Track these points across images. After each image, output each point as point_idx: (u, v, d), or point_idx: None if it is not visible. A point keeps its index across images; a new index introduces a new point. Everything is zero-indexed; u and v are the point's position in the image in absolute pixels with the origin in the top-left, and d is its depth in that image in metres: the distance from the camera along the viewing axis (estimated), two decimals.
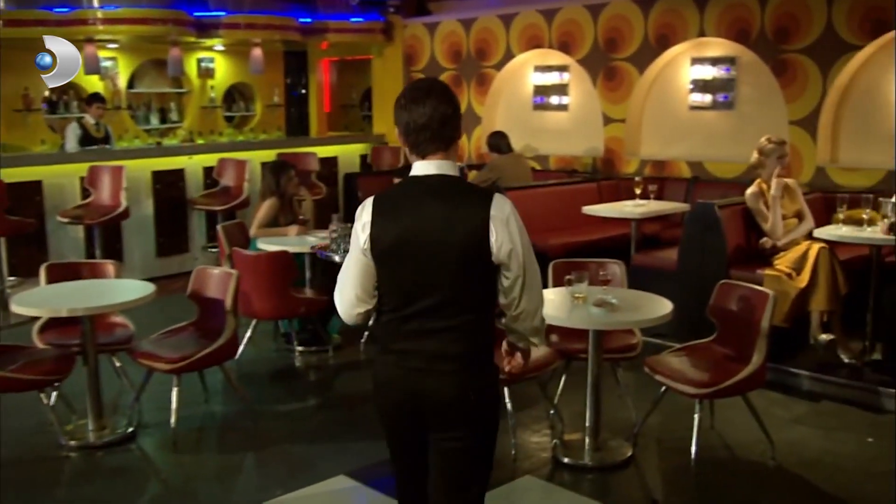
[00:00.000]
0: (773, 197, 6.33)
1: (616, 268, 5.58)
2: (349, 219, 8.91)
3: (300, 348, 6.91)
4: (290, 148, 10.84)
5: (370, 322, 3.03)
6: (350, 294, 2.80)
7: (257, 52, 11.31)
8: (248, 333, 6.67)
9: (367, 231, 2.73)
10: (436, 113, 2.69)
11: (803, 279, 6.05)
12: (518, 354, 3.01)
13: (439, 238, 2.66)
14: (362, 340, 7.05)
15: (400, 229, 2.69)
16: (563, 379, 5.49)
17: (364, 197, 2.82)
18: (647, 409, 5.14)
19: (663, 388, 4.93)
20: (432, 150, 2.72)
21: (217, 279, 5.57)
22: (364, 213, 2.76)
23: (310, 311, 6.65)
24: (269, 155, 10.12)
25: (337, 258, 6.17)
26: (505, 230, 2.67)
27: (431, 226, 2.67)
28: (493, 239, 2.66)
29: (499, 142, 8.65)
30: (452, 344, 2.72)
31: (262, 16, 10.60)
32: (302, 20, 11.14)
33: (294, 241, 6.81)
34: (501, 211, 2.68)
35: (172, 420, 5.23)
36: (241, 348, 6.54)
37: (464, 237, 2.66)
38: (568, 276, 4.79)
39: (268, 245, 6.63)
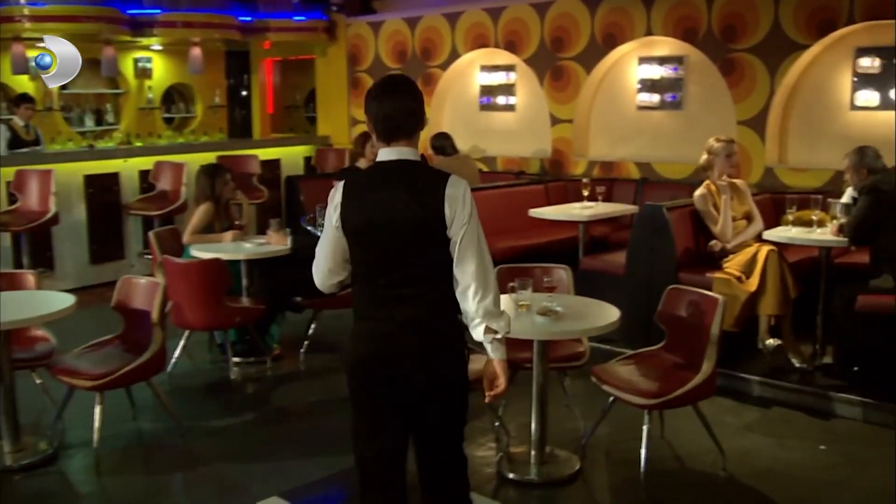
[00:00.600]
0: (725, 200, 6.21)
1: (562, 273, 5.38)
2: (290, 223, 8.72)
3: (237, 359, 6.61)
4: (231, 150, 10.53)
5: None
6: (324, 266, 3.15)
7: (196, 52, 10.97)
8: (181, 345, 6.37)
9: (339, 211, 3.05)
10: (403, 106, 3.02)
11: (752, 283, 5.93)
12: (499, 379, 3.10)
13: (402, 216, 2.97)
14: (302, 350, 6.79)
15: (367, 209, 3.01)
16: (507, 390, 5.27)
17: (307, 201, 3.02)
18: (595, 419, 4.96)
19: (611, 398, 4.74)
20: (397, 138, 3.03)
21: (143, 289, 5.27)
22: (336, 195, 3.08)
23: (246, 320, 6.37)
24: (209, 158, 9.74)
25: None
26: (458, 207, 2.96)
27: (395, 205, 2.98)
28: (447, 214, 2.95)
29: (443, 143, 8.44)
30: (419, 309, 3.00)
31: (199, 14, 10.27)
32: (242, 19, 10.83)
33: (230, 248, 6.52)
34: (456, 190, 2.98)
35: (95, 440, 4.93)
36: (173, 360, 6.29)
37: (423, 214, 2.96)
38: (511, 284, 4.58)
39: (202, 252, 6.34)
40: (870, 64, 7.53)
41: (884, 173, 5.67)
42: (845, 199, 6.12)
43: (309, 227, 6.37)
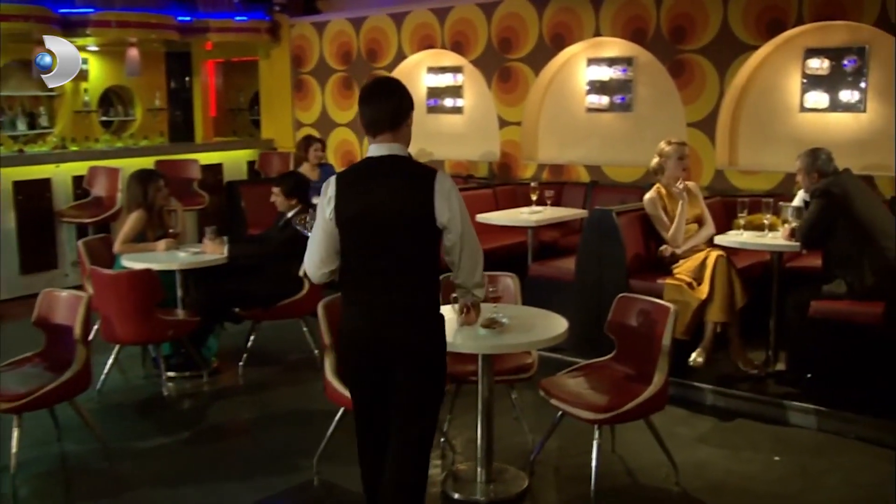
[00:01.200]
0: (682, 205, 6.07)
1: (509, 281, 5.19)
2: (232, 230, 8.42)
3: (171, 374, 6.30)
4: (170, 155, 10.20)
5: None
6: (316, 257, 3.41)
7: (133, 53, 10.59)
8: (111, 360, 6.05)
9: (332, 204, 3.31)
10: (389, 107, 3.30)
11: (703, 289, 5.79)
12: (471, 312, 3.80)
13: (392, 208, 3.23)
14: (241, 363, 6.50)
15: (359, 202, 3.26)
16: (452, 404, 5.07)
17: (248, 207, 2.95)
18: (545, 432, 4.75)
19: (560, 412, 4.55)
20: (385, 135, 3.31)
21: (66, 303, 4.97)
22: (329, 189, 3.34)
23: (179, 333, 6.07)
24: (147, 162, 9.44)
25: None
26: (446, 201, 3.26)
27: (385, 198, 3.24)
28: (436, 208, 3.24)
29: None
30: (406, 296, 3.30)
31: (135, 13, 9.87)
32: (181, 18, 10.46)
33: (163, 258, 6.23)
34: (443, 185, 3.27)
35: (12, 466, 4.61)
36: (103, 377, 5.97)
37: (412, 207, 3.24)
38: (454, 294, 4.35)
39: (133, 262, 6.04)
40: (819, 65, 7.47)
41: (835, 176, 5.56)
42: (797, 202, 6.02)
43: (298, 227, 6.15)
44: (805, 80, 7.58)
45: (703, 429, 5.39)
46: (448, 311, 4.34)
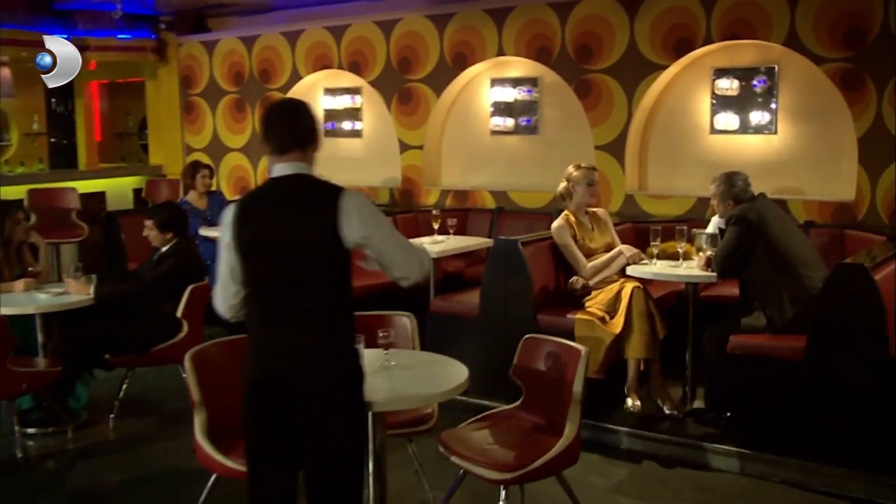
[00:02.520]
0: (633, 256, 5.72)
1: (405, 322, 4.69)
2: (109, 266, 7.73)
3: (31, 431, 5.60)
4: (49, 182, 9.47)
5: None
6: (222, 291, 3.15)
7: (5, 73, 9.81)
8: None
9: (230, 230, 3.05)
10: (302, 125, 3.08)
11: (617, 323, 5.40)
12: None
13: (294, 233, 2.97)
14: (112, 415, 5.83)
15: (258, 226, 3.01)
16: None
17: (128, 239, 2.35)
18: (447, 491, 4.24)
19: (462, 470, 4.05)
20: (294, 154, 3.04)
21: None
22: (227, 214, 3.09)
23: (36, 386, 5.37)
24: (20, 191, 8.71)
25: None
26: (355, 219, 2.95)
27: (287, 222, 2.99)
28: (342, 228, 2.94)
29: None
30: (313, 332, 3.00)
31: (4, 29, 9.10)
32: (57, 36, 9.70)
33: (21, 299, 5.54)
34: (349, 203, 2.96)
35: None
36: None
37: (316, 230, 2.96)
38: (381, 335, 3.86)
39: None
40: (728, 86, 7.31)
41: (751, 202, 5.24)
42: (711, 228, 5.74)
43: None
44: (714, 101, 7.41)
45: (618, 476, 4.97)
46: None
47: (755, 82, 7.14)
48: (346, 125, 9.63)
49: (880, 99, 6.47)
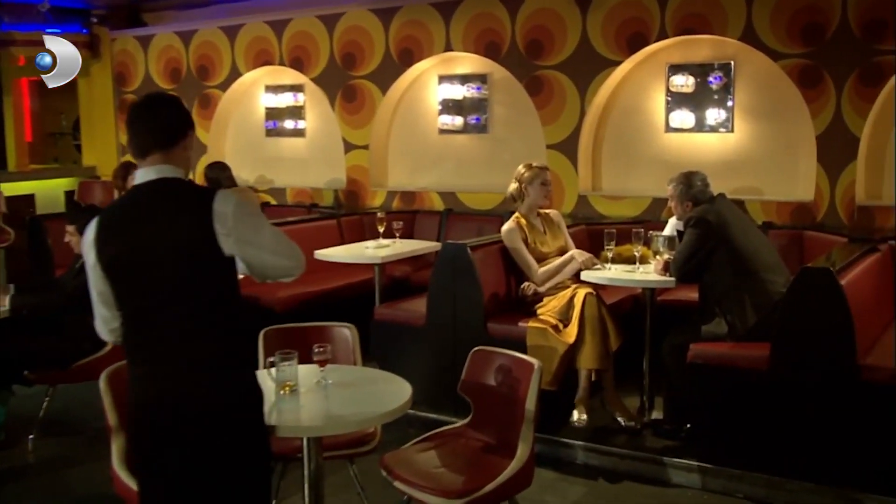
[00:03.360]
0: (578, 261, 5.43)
1: (346, 333, 4.35)
2: (33, 274, 7.28)
3: None
4: None
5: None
6: (97, 314, 2.85)
7: None
8: None
9: (94, 248, 2.75)
10: (160, 122, 2.76)
11: (571, 332, 5.13)
12: None
13: (164, 246, 2.68)
14: (31, 436, 5.40)
15: (122, 243, 2.71)
16: (279, 486, 4.17)
17: (55, 245, 2.60)
18: None
19: (406, 496, 3.73)
20: (155, 156, 2.73)
21: None
22: (89, 232, 2.79)
23: None
24: None
25: None
26: (229, 224, 2.66)
27: (154, 234, 2.68)
28: (218, 234, 2.65)
29: (218, 175, 7.37)
30: (201, 348, 2.71)
31: None
32: None
33: None
34: (224, 206, 2.67)
35: None
36: None
37: (188, 240, 2.67)
38: (270, 359, 3.49)
39: None
40: (683, 82, 7.10)
41: (710, 203, 5.00)
42: (668, 230, 5.50)
43: None
44: (670, 99, 7.21)
45: (575, 495, 4.70)
46: (265, 377, 3.49)
47: (711, 79, 6.95)
48: (289, 124, 9.30)
49: (839, 96, 6.34)
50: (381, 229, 6.56)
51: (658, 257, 5.22)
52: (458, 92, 8.20)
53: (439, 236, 7.64)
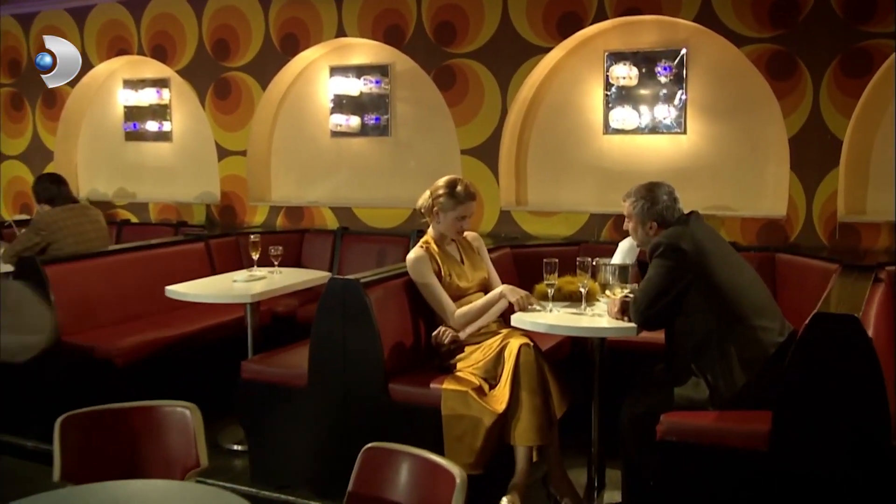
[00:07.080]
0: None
1: (182, 416, 3.06)
2: None
3: None
4: None
5: None
6: None
7: None
8: None
9: None
10: None
11: (502, 396, 3.98)
12: None
13: None
14: None
15: None
16: None
17: None
18: None
19: None
20: None
21: None
22: None
23: None
24: None
25: None
26: None
27: None
28: None
29: (49, 188, 6.01)
30: None
31: None
32: None
33: None
34: None
35: None
36: None
37: None
38: None
39: None
40: (626, 74, 6.17)
41: (682, 224, 3.85)
42: (619, 257, 4.39)
43: None
44: (609, 93, 6.26)
45: None
46: None
47: (659, 69, 6.03)
48: (152, 126, 8.10)
49: (817, 89, 5.46)
50: (256, 256, 5.27)
51: (610, 293, 4.06)
52: (354, 86, 7.16)
53: (332, 262, 6.55)
